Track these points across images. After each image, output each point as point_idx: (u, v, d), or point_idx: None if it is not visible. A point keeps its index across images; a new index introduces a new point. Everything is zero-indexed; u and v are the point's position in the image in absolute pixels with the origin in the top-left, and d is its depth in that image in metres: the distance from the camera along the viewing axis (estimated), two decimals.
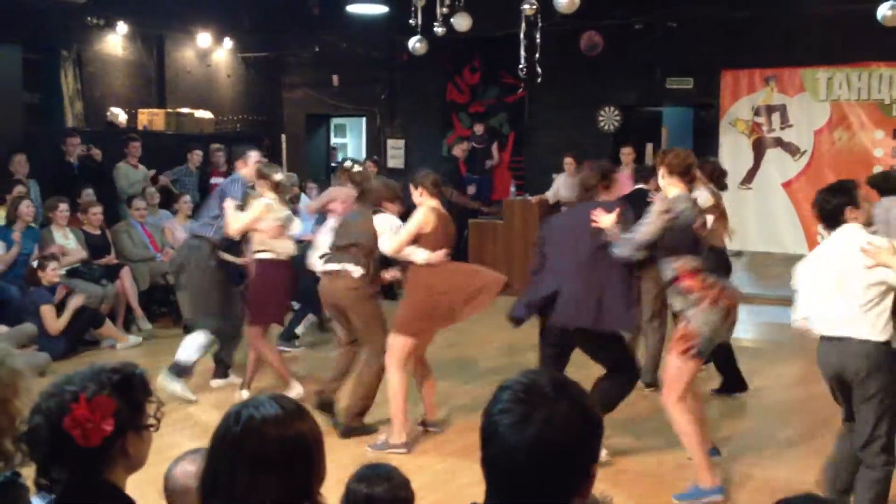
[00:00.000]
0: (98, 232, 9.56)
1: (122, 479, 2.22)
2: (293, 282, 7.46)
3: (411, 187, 6.15)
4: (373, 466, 2.86)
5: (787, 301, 11.11)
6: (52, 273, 8.32)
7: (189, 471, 2.67)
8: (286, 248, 7.00)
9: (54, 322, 8.14)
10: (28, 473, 2.29)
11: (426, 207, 5.98)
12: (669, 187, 5.14)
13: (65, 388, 2.15)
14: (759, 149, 11.58)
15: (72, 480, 2.12)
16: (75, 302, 8.31)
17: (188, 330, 8.97)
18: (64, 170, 10.29)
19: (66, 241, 9.06)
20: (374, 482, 2.78)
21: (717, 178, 7.10)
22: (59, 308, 8.27)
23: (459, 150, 12.52)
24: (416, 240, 5.91)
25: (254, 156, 7.36)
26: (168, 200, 10.79)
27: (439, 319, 6.02)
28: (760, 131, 11.54)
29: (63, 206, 9.15)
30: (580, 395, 1.79)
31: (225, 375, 7.55)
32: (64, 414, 2.09)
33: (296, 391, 6.81)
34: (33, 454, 2.16)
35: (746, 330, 10.41)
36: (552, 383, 1.77)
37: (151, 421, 2.26)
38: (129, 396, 2.19)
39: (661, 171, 5.17)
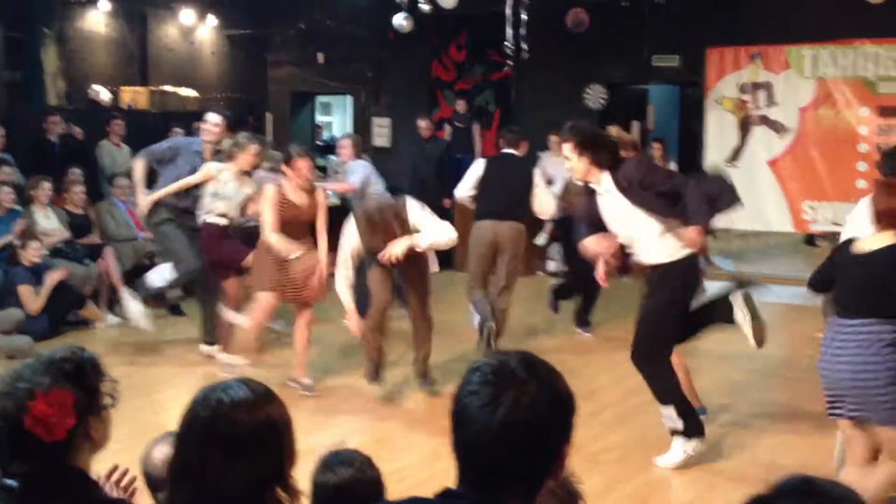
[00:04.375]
0: (80, 211, 9.50)
1: (87, 462, 2.20)
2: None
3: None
4: (334, 454, 2.82)
5: (773, 279, 11.19)
6: (34, 253, 8.25)
7: (166, 452, 2.65)
8: None
9: (33, 301, 8.06)
10: None
11: None
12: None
13: (18, 385, 2.10)
14: (745, 127, 11.57)
15: (36, 470, 2.09)
16: (55, 276, 8.23)
17: (174, 311, 9.00)
18: (45, 148, 10.21)
19: (47, 220, 9.00)
20: (338, 470, 2.74)
21: None
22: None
23: (424, 130, 12.09)
24: None
25: (209, 117, 7.77)
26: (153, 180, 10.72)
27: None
28: (746, 109, 11.53)
29: (46, 185, 9.07)
30: (550, 376, 1.79)
31: None
32: (22, 413, 2.05)
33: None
34: None
35: None
36: (522, 364, 1.77)
37: (108, 400, 2.23)
38: (85, 383, 2.16)
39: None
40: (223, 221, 7.31)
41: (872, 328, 4.01)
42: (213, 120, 7.65)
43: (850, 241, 4.27)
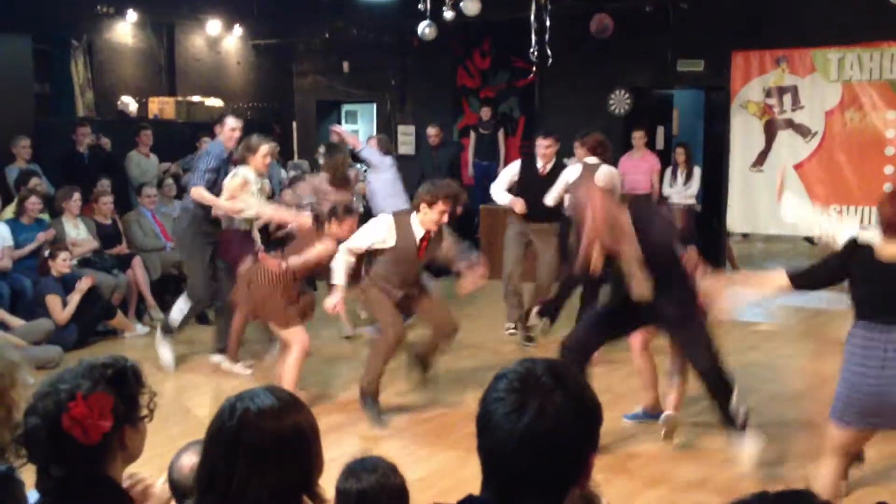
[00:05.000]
0: (109, 221, 9.59)
1: (119, 473, 2.23)
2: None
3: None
4: (358, 461, 2.84)
5: None
6: (63, 264, 8.33)
7: (194, 461, 2.68)
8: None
9: (60, 312, 8.12)
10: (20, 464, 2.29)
11: None
12: None
13: (59, 386, 2.14)
14: (770, 130, 11.50)
15: (70, 476, 2.12)
16: (83, 284, 8.29)
17: (200, 320, 9.06)
18: (74, 160, 10.32)
19: (76, 231, 9.09)
20: (361, 476, 2.76)
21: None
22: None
23: (433, 138, 12.21)
24: None
25: (229, 122, 7.67)
26: (182, 191, 10.81)
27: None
28: (772, 113, 11.47)
29: (76, 196, 9.16)
30: (577, 385, 1.79)
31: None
32: (62, 413, 2.09)
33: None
34: (33, 457, 2.16)
35: (758, 313, 10.41)
36: (549, 372, 1.77)
37: (145, 412, 2.27)
38: (124, 390, 2.20)
39: None
40: (245, 226, 7.41)
41: None
42: (237, 125, 7.66)
43: (867, 247, 4.17)
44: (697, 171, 11.52)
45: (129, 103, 12.11)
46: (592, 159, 7.90)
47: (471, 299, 9.56)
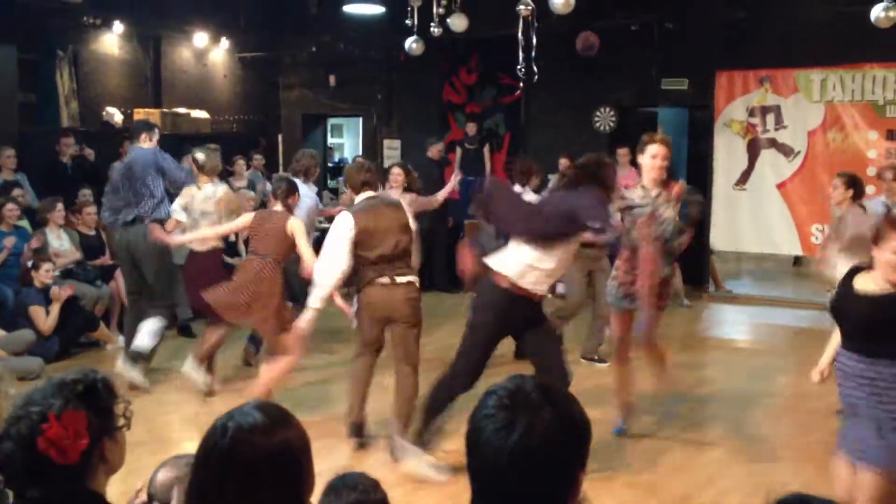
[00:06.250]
0: (93, 232, 9.56)
1: (102, 484, 2.19)
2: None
3: None
4: (339, 478, 2.81)
5: (781, 302, 11.18)
6: (46, 274, 8.29)
7: (171, 476, 2.66)
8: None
9: (44, 323, 8.10)
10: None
11: None
12: None
13: (30, 409, 2.09)
14: (753, 149, 11.59)
15: (50, 493, 2.09)
16: (63, 294, 8.22)
17: (183, 331, 9.02)
18: (57, 170, 10.28)
19: (59, 241, 9.05)
20: (342, 494, 2.75)
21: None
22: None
23: (434, 151, 12.28)
24: None
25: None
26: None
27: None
28: (755, 132, 11.56)
29: (59, 207, 9.14)
30: (566, 402, 1.79)
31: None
32: (35, 436, 2.05)
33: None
34: (10, 482, 2.11)
35: (740, 331, 10.48)
36: (538, 389, 1.77)
37: (122, 421, 2.22)
38: (97, 404, 2.15)
39: None
40: (200, 247, 7.23)
41: None
42: None
43: (848, 277, 4.19)
44: None
45: (115, 114, 12.08)
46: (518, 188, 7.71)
47: (451, 315, 9.56)
